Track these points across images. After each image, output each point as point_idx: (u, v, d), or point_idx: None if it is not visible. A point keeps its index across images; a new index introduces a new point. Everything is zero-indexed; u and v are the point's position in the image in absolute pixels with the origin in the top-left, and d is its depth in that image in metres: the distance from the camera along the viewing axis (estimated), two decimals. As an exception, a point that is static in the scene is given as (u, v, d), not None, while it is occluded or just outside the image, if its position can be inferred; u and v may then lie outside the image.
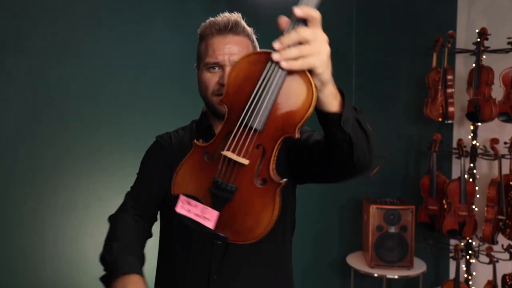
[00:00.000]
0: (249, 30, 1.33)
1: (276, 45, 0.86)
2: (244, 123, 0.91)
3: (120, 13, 2.73)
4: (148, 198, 1.36)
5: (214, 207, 0.96)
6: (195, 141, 0.98)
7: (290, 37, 0.85)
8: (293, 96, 0.89)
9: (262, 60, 0.90)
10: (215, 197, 0.95)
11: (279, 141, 0.92)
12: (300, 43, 0.85)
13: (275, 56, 0.86)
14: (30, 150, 2.62)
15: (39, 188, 2.64)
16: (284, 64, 0.85)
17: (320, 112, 0.94)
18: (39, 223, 2.65)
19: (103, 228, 1.34)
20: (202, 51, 1.31)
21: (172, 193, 0.99)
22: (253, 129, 0.91)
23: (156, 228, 1.40)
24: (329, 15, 3.63)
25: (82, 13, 2.66)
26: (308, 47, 0.85)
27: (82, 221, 2.71)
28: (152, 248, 1.33)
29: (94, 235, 2.74)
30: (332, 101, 0.92)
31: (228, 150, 0.93)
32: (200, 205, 0.97)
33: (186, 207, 0.98)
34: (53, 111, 2.65)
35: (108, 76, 2.74)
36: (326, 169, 1.11)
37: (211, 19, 1.33)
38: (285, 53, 0.85)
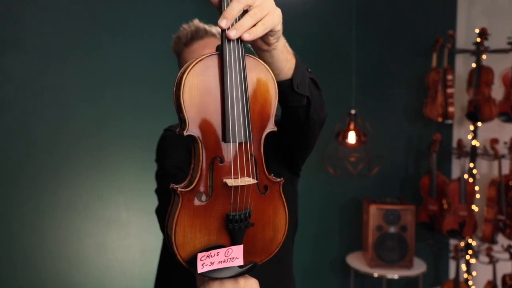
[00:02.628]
0: (214, 28, 1.36)
1: (223, 22, 0.76)
2: (235, 141, 0.80)
3: (120, 13, 2.73)
4: (182, 162, 1.30)
5: (236, 242, 0.85)
6: (178, 189, 0.80)
7: (233, 8, 0.76)
8: (258, 88, 0.82)
9: (211, 64, 0.78)
10: (233, 232, 0.84)
11: (262, 142, 0.85)
12: (245, 11, 0.77)
13: (232, 33, 0.75)
14: (31, 151, 2.62)
15: (40, 188, 2.65)
16: (246, 36, 0.76)
17: (278, 82, 0.90)
18: (39, 223, 2.65)
19: (103, 228, 1.34)
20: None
21: (182, 261, 0.82)
22: (244, 144, 0.82)
23: (158, 228, 1.40)
24: (329, 15, 3.64)
25: (82, 13, 2.66)
26: (257, 10, 0.77)
27: (82, 221, 2.71)
28: (152, 249, 1.33)
29: (94, 235, 2.75)
30: (286, 56, 0.89)
31: (233, 177, 0.82)
32: (221, 250, 0.84)
33: (207, 262, 0.83)
34: (54, 111, 2.65)
35: (108, 77, 2.74)
36: (286, 141, 1.15)
37: (175, 35, 1.40)
38: (239, 26, 0.76)
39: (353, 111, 2.87)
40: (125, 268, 2.81)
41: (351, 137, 2.88)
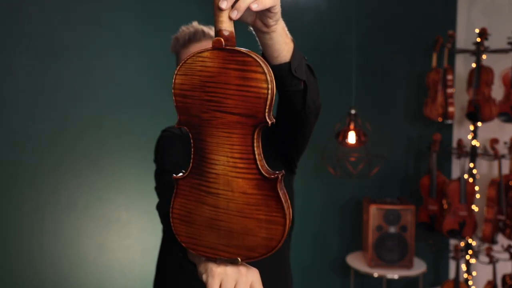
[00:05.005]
0: (213, 31, 1.37)
1: (224, 4, 0.78)
2: None
3: (120, 12, 2.73)
4: (180, 160, 1.30)
5: None
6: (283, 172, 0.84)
7: None
8: None
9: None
10: None
11: None
12: None
13: (233, 14, 0.78)
14: (30, 150, 2.62)
15: (39, 188, 2.64)
16: (255, 6, 0.78)
17: (276, 65, 0.94)
18: (39, 223, 2.65)
19: (103, 228, 1.34)
20: None
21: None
22: None
23: (158, 228, 1.40)
24: (329, 15, 3.63)
25: (81, 12, 2.66)
26: None
27: (82, 221, 2.71)
28: (152, 249, 1.33)
29: (94, 235, 2.75)
30: (285, 39, 0.92)
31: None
32: None
33: None
34: (53, 111, 2.65)
35: (107, 76, 2.74)
36: (281, 133, 1.18)
37: (174, 36, 1.44)
38: (239, 6, 0.77)
39: (353, 111, 2.87)
40: (125, 268, 2.81)
41: (351, 137, 2.88)
